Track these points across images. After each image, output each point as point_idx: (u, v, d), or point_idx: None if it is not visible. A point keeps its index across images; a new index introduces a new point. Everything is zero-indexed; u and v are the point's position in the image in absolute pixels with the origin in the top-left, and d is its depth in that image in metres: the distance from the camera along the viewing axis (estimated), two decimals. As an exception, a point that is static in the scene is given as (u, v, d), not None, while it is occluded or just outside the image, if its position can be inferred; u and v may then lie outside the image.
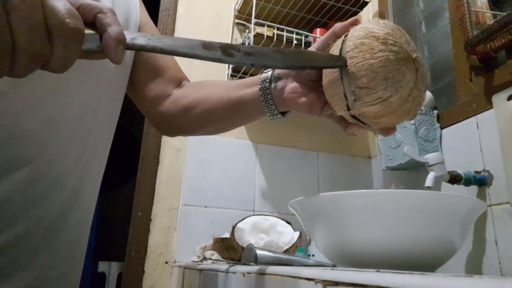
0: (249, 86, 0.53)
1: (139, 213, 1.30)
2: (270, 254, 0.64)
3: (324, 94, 0.44)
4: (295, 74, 0.48)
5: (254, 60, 0.38)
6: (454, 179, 0.97)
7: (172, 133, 0.66)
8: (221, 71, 1.52)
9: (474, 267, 0.90)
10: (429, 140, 1.11)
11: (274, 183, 1.44)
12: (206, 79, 1.67)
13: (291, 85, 0.48)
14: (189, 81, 0.66)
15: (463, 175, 0.96)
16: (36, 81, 0.44)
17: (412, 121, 1.12)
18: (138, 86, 0.62)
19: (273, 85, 0.50)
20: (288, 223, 1.07)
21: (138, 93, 0.62)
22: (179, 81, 0.64)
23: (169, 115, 0.61)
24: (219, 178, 1.38)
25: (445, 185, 1.02)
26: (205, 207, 1.35)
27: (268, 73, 0.51)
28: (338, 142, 1.58)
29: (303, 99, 0.47)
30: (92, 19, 0.32)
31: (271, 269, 0.45)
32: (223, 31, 1.58)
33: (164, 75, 0.62)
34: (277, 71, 0.50)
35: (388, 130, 0.44)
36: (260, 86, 0.51)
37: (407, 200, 0.60)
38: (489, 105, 0.97)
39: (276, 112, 0.51)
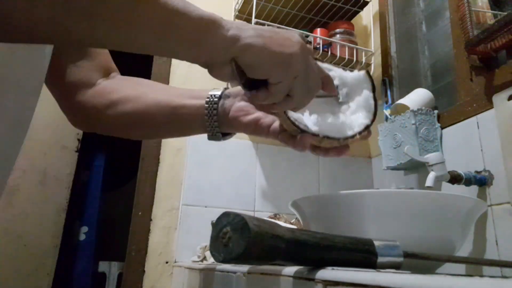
0: (194, 98, 0.49)
1: (140, 213, 1.31)
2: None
3: (271, 114, 0.43)
4: (244, 93, 0.43)
5: None
6: (455, 179, 0.97)
7: (88, 127, 0.56)
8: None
9: (474, 267, 0.89)
10: (429, 140, 1.11)
11: (274, 183, 1.44)
12: (208, 76, 1.66)
13: (238, 104, 0.46)
14: (119, 74, 0.57)
15: (463, 175, 0.96)
16: None
17: (413, 121, 1.12)
18: (56, 65, 0.49)
19: (221, 102, 0.47)
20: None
21: (53, 73, 0.50)
22: (108, 70, 0.55)
23: (89, 107, 0.52)
24: (219, 178, 1.38)
25: (445, 185, 1.02)
26: (205, 207, 1.35)
27: (219, 89, 0.48)
28: (338, 142, 1.58)
29: (248, 117, 0.45)
30: None
31: (272, 268, 0.45)
32: (224, 31, 1.57)
33: (91, 60, 0.53)
34: (228, 90, 0.48)
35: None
36: (208, 99, 0.48)
37: (408, 200, 0.60)
38: (489, 105, 0.97)
39: (217, 130, 0.48)
